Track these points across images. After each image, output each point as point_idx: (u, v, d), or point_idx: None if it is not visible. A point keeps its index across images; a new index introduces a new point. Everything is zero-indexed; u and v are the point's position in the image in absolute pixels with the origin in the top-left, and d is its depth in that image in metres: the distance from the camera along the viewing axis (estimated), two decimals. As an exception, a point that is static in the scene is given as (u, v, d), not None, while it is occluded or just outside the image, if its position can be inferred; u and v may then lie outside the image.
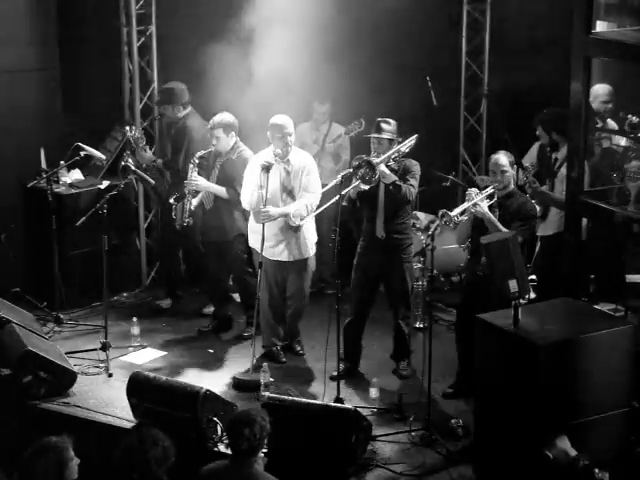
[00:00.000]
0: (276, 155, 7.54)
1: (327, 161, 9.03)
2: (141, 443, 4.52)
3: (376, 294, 7.61)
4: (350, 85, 8.96)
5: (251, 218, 7.78)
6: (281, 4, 8.40)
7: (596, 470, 4.93)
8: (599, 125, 7.95)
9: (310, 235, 7.74)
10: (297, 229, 7.58)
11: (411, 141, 7.36)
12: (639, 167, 7.17)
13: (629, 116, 7.71)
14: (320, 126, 9.23)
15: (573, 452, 5.09)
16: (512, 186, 7.07)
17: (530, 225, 7.06)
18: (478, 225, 6.95)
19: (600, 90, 7.97)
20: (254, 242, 7.74)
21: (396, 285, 7.47)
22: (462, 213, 6.84)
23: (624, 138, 7.86)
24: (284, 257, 7.69)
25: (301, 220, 7.53)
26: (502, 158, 6.98)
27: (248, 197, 7.66)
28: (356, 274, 7.49)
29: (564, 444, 5.12)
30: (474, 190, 6.91)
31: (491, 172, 7.05)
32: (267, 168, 7.46)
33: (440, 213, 6.78)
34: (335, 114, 9.26)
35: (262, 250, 7.50)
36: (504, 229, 6.76)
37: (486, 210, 6.85)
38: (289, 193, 7.58)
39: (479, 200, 6.85)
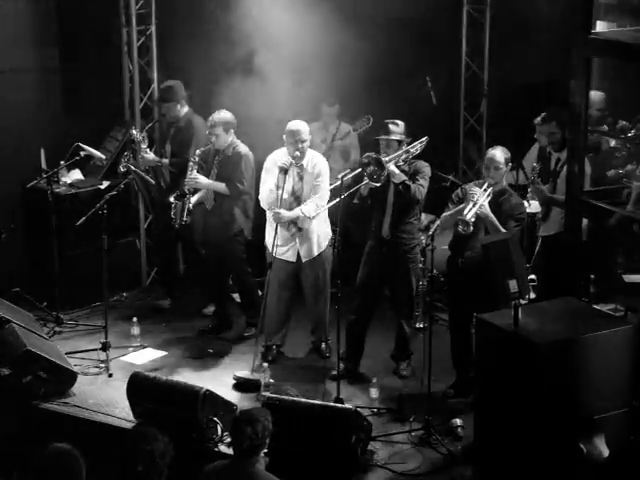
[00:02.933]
0: (292, 157, 7.56)
1: (336, 159, 9.01)
2: (144, 437, 4.56)
3: (380, 295, 7.59)
4: (350, 86, 8.96)
5: (267, 216, 7.77)
6: (282, 4, 8.40)
7: None
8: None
9: (321, 233, 7.71)
10: (302, 229, 7.60)
11: (421, 142, 7.36)
12: None
13: (619, 121, 7.77)
14: (329, 126, 9.23)
15: (607, 453, 5.08)
16: (504, 183, 7.09)
17: (522, 225, 7.09)
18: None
19: (595, 98, 7.98)
20: (267, 240, 7.73)
21: (400, 285, 7.46)
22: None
23: (613, 140, 7.96)
24: (292, 257, 7.69)
25: (309, 221, 7.57)
26: (498, 154, 6.99)
27: (265, 196, 7.67)
28: (361, 273, 7.46)
29: (601, 443, 5.12)
30: (478, 190, 6.90)
31: (485, 167, 7.07)
32: (285, 170, 7.49)
33: (459, 221, 6.76)
34: (339, 115, 9.27)
35: (274, 250, 7.53)
36: (503, 229, 6.77)
37: (489, 211, 6.85)
38: (297, 198, 7.58)
39: (483, 200, 6.85)
